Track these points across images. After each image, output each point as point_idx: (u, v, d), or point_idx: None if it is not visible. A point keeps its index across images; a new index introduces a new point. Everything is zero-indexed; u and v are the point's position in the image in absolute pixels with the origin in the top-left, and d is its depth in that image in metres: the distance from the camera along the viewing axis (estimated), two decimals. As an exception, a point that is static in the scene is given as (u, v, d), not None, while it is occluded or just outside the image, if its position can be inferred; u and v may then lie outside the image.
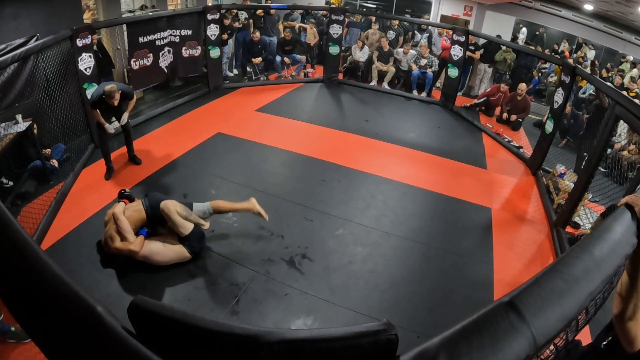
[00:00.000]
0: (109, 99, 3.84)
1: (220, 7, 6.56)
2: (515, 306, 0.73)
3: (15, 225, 0.80)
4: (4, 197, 3.55)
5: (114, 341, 0.68)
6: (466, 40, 6.74)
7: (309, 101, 7.02)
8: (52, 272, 0.73)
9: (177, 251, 3.07)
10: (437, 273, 3.35)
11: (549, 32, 11.09)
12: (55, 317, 0.71)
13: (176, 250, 3.07)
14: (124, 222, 2.98)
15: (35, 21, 4.76)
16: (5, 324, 2.45)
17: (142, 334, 0.71)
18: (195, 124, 5.58)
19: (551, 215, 4.22)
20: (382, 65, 7.68)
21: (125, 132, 4.36)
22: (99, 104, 3.91)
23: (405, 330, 2.71)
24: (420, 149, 5.52)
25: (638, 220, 0.97)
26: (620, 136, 5.75)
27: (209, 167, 4.51)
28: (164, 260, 3.04)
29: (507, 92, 6.90)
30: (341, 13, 7.28)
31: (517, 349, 0.68)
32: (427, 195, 4.45)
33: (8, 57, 3.20)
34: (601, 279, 0.83)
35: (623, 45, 9.87)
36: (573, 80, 4.78)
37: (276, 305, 2.90)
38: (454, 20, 10.40)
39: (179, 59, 6.07)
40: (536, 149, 5.31)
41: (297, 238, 3.55)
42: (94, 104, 3.93)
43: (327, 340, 0.69)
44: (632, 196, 1.03)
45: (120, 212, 3.02)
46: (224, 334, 0.69)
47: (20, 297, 0.74)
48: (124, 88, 4.09)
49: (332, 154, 5.06)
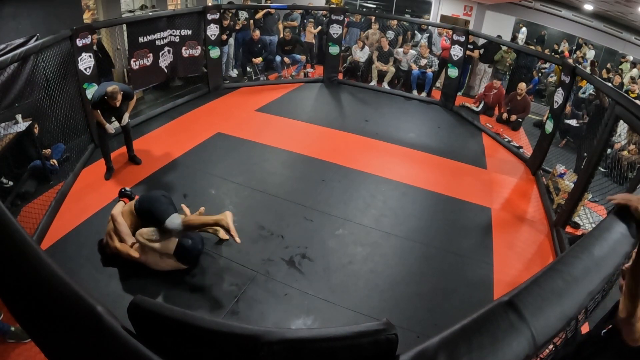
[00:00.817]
0: (111, 100, 3.84)
1: (220, 7, 6.56)
2: (515, 306, 0.73)
3: (15, 225, 0.80)
4: (4, 197, 3.55)
5: (113, 341, 0.68)
6: (466, 40, 6.74)
7: (309, 101, 7.02)
8: (52, 272, 0.73)
9: (172, 265, 3.00)
10: (437, 273, 3.35)
11: (549, 32, 11.09)
12: (55, 317, 0.71)
13: (171, 264, 2.99)
14: (122, 224, 2.96)
15: (35, 21, 4.75)
16: (5, 324, 2.45)
17: (142, 333, 0.71)
18: (195, 124, 5.58)
19: (551, 215, 4.23)
20: (382, 65, 7.68)
21: (125, 132, 4.35)
22: (100, 105, 3.91)
23: (405, 330, 2.71)
24: (420, 149, 5.52)
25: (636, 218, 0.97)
26: (620, 136, 5.75)
27: (208, 167, 4.51)
28: (162, 269, 3.00)
29: (500, 88, 6.91)
30: (341, 13, 7.28)
31: (517, 349, 0.68)
32: (427, 195, 4.45)
33: (8, 57, 3.20)
34: (601, 278, 0.83)
35: (623, 45, 9.87)
36: (573, 80, 4.78)
37: (276, 305, 2.90)
38: (454, 20, 10.39)
39: (179, 59, 6.07)
40: (536, 149, 5.31)
41: (297, 238, 3.55)
42: (95, 105, 3.93)
43: (327, 339, 0.69)
44: (623, 195, 1.03)
45: (118, 213, 3.00)
46: (224, 334, 0.69)
47: (20, 297, 0.74)
48: (125, 88, 4.09)
49: (332, 154, 5.06)
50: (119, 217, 2.98)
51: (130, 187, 3.92)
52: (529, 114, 6.78)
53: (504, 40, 7.92)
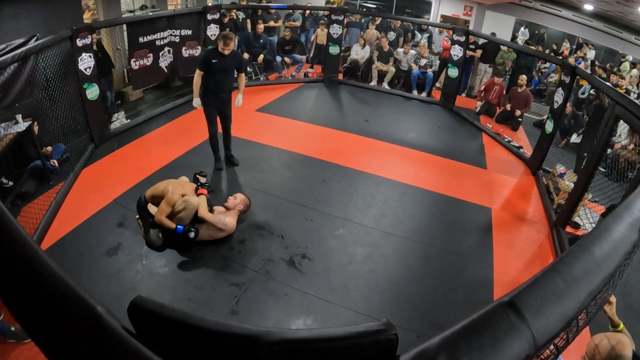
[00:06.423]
0: (225, 39, 3.75)
1: (220, 7, 6.56)
2: (515, 306, 0.73)
3: (15, 225, 0.80)
4: (4, 197, 3.55)
5: (114, 341, 0.68)
6: (466, 40, 6.74)
7: (309, 101, 7.03)
8: (52, 272, 0.73)
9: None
10: (437, 273, 3.35)
11: (549, 32, 11.09)
12: (55, 317, 0.71)
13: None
14: (216, 221, 3.26)
15: (35, 21, 4.75)
16: (5, 324, 2.44)
17: (142, 334, 0.71)
18: (195, 124, 5.56)
19: (551, 215, 4.22)
20: (382, 65, 7.68)
21: (225, 127, 4.37)
22: (210, 58, 3.85)
23: (405, 330, 2.71)
24: (420, 149, 5.52)
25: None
26: (621, 136, 5.75)
27: (209, 167, 4.51)
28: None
29: (501, 84, 6.91)
30: (341, 13, 7.28)
31: (517, 349, 0.68)
32: (427, 195, 4.44)
33: (8, 57, 3.20)
34: (601, 278, 0.83)
35: (623, 45, 9.87)
36: (573, 80, 4.78)
37: (276, 305, 2.90)
38: (454, 20, 10.40)
39: (179, 59, 6.07)
40: (536, 149, 5.31)
41: (297, 238, 3.55)
42: (202, 58, 3.89)
43: (327, 340, 0.69)
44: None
45: (206, 211, 3.25)
46: (224, 334, 0.69)
47: (20, 297, 0.74)
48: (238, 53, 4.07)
49: (332, 154, 5.05)
50: (215, 217, 3.26)
51: (130, 187, 3.95)
52: (530, 108, 6.78)
53: (503, 40, 7.92)
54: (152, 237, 3.23)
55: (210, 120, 4.20)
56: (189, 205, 3.14)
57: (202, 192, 3.32)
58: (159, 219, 3.11)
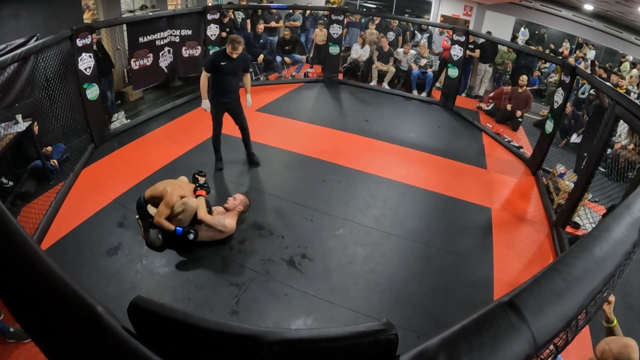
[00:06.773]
0: (233, 44, 3.78)
1: (220, 7, 6.56)
2: (515, 306, 0.73)
3: (15, 225, 0.80)
4: (4, 197, 3.55)
5: (114, 341, 0.68)
6: (466, 40, 6.74)
7: (309, 101, 7.02)
8: (52, 272, 0.73)
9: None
10: (437, 273, 3.35)
11: (549, 32, 11.09)
12: (55, 317, 0.71)
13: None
14: (215, 223, 3.23)
15: (35, 21, 4.75)
16: (5, 324, 2.44)
17: (142, 334, 0.71)
18: (196, 124, 5.57)
19: (551, 215, 4.22)
20: (382, 65, 7.68)
21: (242, 127, 4.39)
22: (217, 60, 3.89)
23: (405, 330, 2.71)
24: (420, 149, 5.52)
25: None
26: (620, 136, 5.74)
27: (209, 168, 4.51)
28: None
29: (510, 91, 6.91)
30: (341, 13, 7.28)
31: (517, 349, 0.68)
32: (427, 195, 4.44)
33: (8, 57, 3.20)
34: (601, 278, 0.83)
35: (623, 45, 9.87)
36: (573, 80, 4.77)
37: (276, 305, 2.90)
38: (454, 20, 10.40)
39: (179, 59, 6.07)
40: (536, 149, 5.30)
41: (297, 238, 3.55)
42: (211, 61, 3.94)
43: (327, 340, 0.69)
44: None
45: (206, 214, 3.22)
46: (224, 334, 0.69)
47: (20, 297, 0.74)
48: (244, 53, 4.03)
49: (332, 154, 5.05)
50: (214, 219, 3.24)
51: (131, 188, 3.95)
52: (531, 107, 6.79)
53: (503, 39, 7.91)
54: (152, 237, 3.23)
55: (217, 121, 4.22)
56: (188, 207, 3.13)
57: (200, 193, 3.31)
58: (157, 221, 3.10)
